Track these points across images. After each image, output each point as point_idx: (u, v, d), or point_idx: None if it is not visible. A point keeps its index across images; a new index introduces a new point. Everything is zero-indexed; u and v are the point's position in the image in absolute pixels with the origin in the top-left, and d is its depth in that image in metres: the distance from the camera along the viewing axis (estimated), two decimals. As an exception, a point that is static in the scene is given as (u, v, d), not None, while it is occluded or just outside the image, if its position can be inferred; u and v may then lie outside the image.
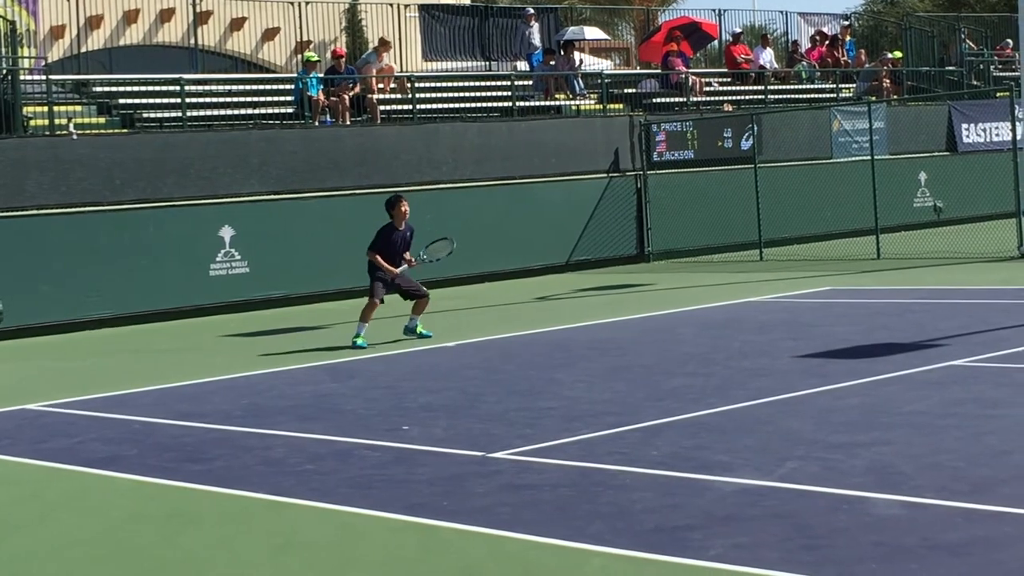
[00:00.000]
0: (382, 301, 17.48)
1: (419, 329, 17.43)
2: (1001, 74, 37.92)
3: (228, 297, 22.65)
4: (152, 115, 24.79)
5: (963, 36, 38.70)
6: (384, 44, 28.27)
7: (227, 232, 22.74)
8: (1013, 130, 25.25)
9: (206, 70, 29.40)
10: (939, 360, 12.96)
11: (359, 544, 7.81)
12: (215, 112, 25.46)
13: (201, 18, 30.42)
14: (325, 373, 15.00)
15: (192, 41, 30.01)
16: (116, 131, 23.89)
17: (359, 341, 17.04)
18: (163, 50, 30.63)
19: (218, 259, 22.69)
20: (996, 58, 38.90)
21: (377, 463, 9.91)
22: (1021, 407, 10.52)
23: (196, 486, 9.50)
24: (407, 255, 17.45)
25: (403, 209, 17.49)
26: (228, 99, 26.33)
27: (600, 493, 8.49)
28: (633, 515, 7.90)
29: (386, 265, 17.27)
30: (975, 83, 37.05)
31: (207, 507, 8.96)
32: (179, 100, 24.52)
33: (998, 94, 33.89)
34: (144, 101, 25.36)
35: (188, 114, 24.44)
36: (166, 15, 30.67)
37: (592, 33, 34.39)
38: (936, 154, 32.68)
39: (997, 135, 33.17)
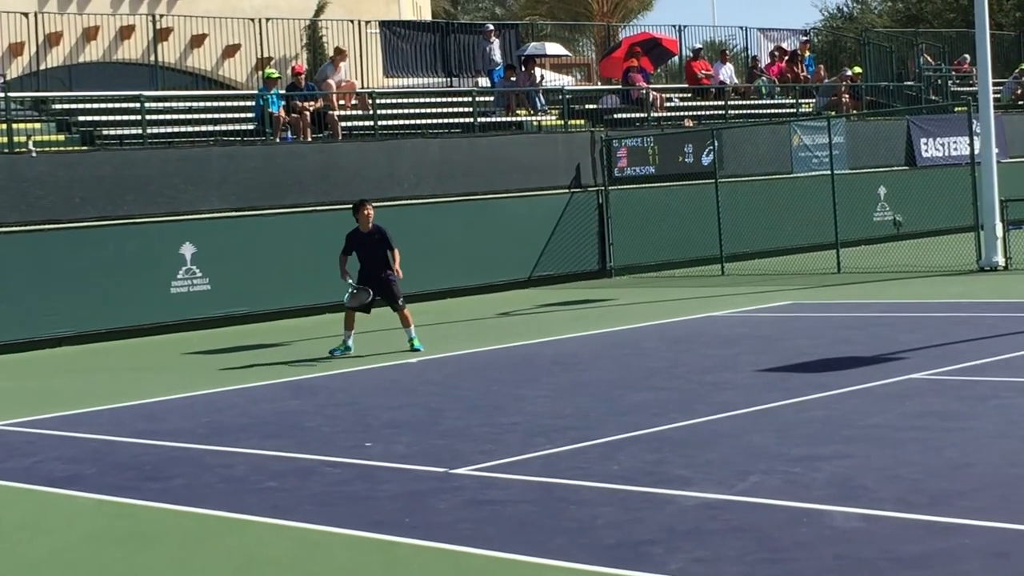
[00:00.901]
0: (361, 308, 17.70)
1: (413, 342, 17.62)
2: (959, 89, 38.17)
3: (189, 314, 22.57)
4: (112, 132, 24.69)
5: (921, 51, 38.97)
6: (339, 53, 28.31)
7: (188, 249, 22.65)
8: (971, 144, 25.42)
9: (166, 87, 29.31)
10: (900, 373, 13.02)
11: (321, 561, 7.78)
12: (175, 129, 25.38)
13: (161, 35, 30.33)
14: (287, 390, 14.95)
15: (152, 58, 29.92)
16: (76, 148, 23.78)
17: (337, 349, 17.48)
18: (123, 67, 30.53)
19: (179, 276, 22.60)
20: (954, 73, 39.18)
21: (339, 480, 9.88)
22: (981, 420, 10.57)
23: (156, 504, 9.45)
24: (395, 263, 17.69)
25: (365, 212, 17.81)
26: (189, 116, 26.27)
27: (562, 508, 8.49)
28: (595, 530, 7.90)
29: (342, 270, 17.72)
30: (933, 98, 37.30)
31: (167, 526, 8.91)
32: (139, 117, 24.43)
33: (956, 109, 34.09)
34: (104, 118, 25.24)
35: (148, 131, 24.35)
36: (126, 32, 30.57)
37: (553, 49, 34.44)
38: (895, 168, 32.86)
39: (955, 149, 33.38)
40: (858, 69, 36.51)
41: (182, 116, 26.19)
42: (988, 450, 9.43)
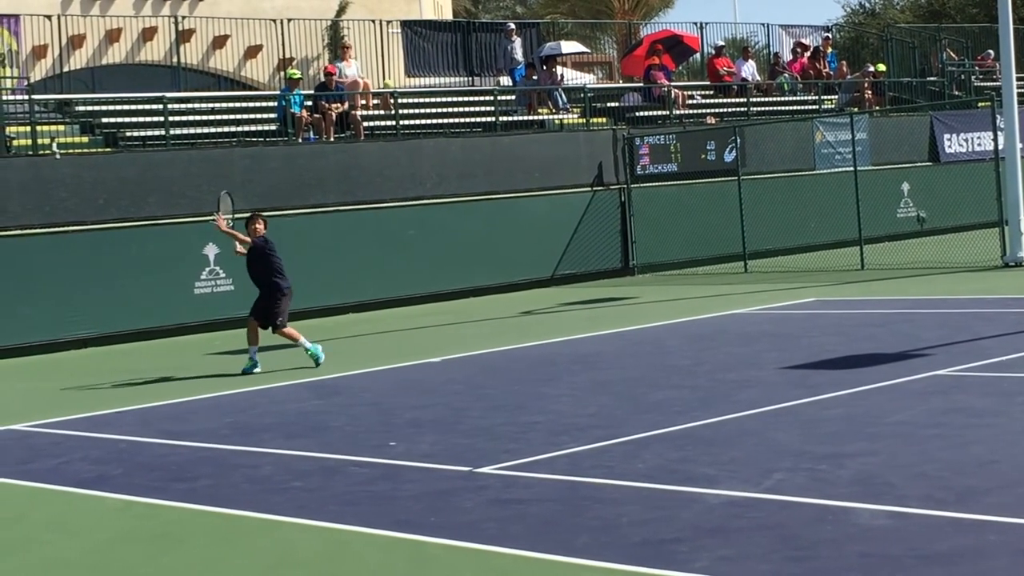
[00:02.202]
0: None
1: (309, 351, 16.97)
2: (982, 84, 38.06)
3: (213, 315, 22.60)
4: (135, 134, 24.77)
5: (944, 47, 38.84)
6: (344, 48, 28.39)
7: (211, 250, 22.70)
8: (995, 140, 25.34)
9: (189, 88, 29.37)
10: (924, 370, 12.99)
11: (348, 561, 7.80)
12: (198, 130, 25.45)
13: (183, 36, 30.40)
14: (310, 390, 14.99)
15: (175, 59, 29.99)
16: (99, 150, 23.86)
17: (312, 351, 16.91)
18: (146, 68, 30.60)
19: (202, 277, 22.66)
20: (977, 68, 39.03)
21: (364, 479, 9.90)
22: (1006, 416, 10.54)
23: (183, 505, 9.48)
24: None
25: (254, 226, 17.23)
26: (211, 117, 26.33)
27: (587, 507, 8.50)
28: (620, 528, 7.90)
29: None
30: (956, 93, 37.17)
31: (194, 527, 8.94)
32: (162, 118, 24.51)
33: (979, 104, 34.00)
34: (127, 120, 25.32)
35: (171, 132, 24.43)
36: (148, 33, 30.65)
37: (571, 47, 34.41)
38: (919, 164, 32.77)
39: (979, 145, 33.28)
40: (882, 67, 36.41)
41: (205, 117, 26.26)
42: (1014, 447, 9.40)
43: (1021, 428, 10.03)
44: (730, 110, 33.18)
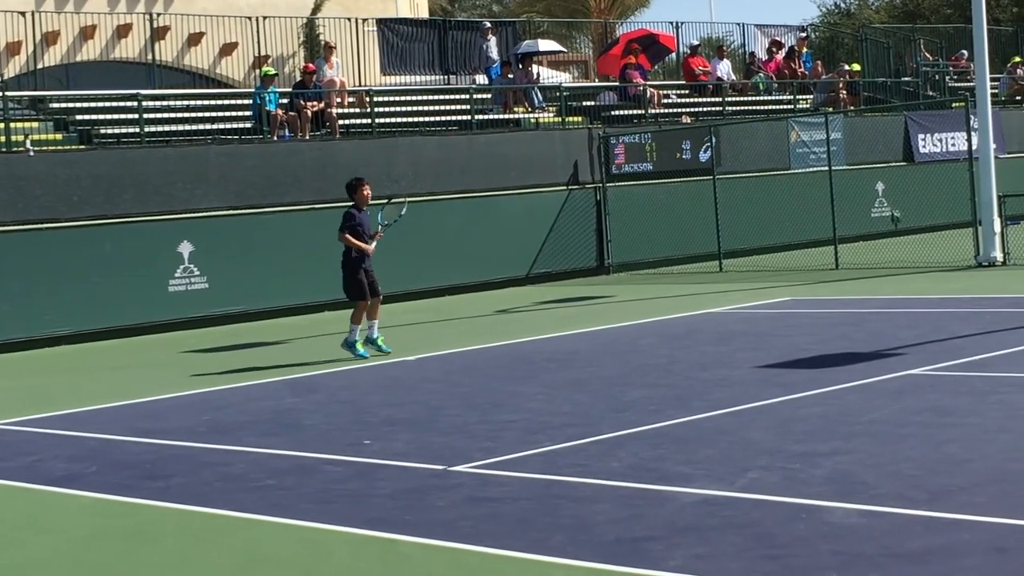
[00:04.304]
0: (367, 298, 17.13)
1: (380, 342, 17.21)
2: (956, 85, 38.21)
3: (187, 313, 22.57)
4: (109, 131, 24.70)
5: (919, 47, 38.98)
6: (328, 49, 28.35)
7: (186, 248, 22.66)
8: (968, 140, 25.44)
9: (164, 85, 29.31)
10: (898, 369, 13.03)
11: (321, 559, 7.78)
12: (173, 127, 25.39)
13: (158, 33, 30.32)
14: (285, 388, 14.95)
15: (149, 57, 29.91)
16: (73, 147, 23.79)
17: (360, 349, 16.87)
18: (120, 66, 30.51)
19: (177, 275, 22.61)
20: (951, 69, 39.19)
21: (338, 478, 9.89)
22: (980, 415, 10.58)
23: (156, 503, 9.45)
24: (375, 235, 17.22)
25: (364, 193, 17.34)
26: (186, 114, 26.28)
27: (561, 505, 8.50)
28: (594, 527, 7.90)
29: (360, 244, 17.05)
30: (931, 94, 37.30)
31: (168, 525, 8.91)
32: (137, 116, 24.44)
33: (953, 104, 34.13)
34: (101, 117, 25.25)
35: (146, 130, 24.36)
36: (123, 31, 30.56)
37: (546, 45, 34.43)
38: (893, 164, 32.89)
39: (953, 145, 33.41)
40: (857, 67, 36.52)
41: (179, 115, 26.21)
42: (987, 445, 9.44)
43: (995, 427, 10.07)
44: (705, 109, 33.26)
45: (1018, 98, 38.86)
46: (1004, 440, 9.58)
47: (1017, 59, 40.34)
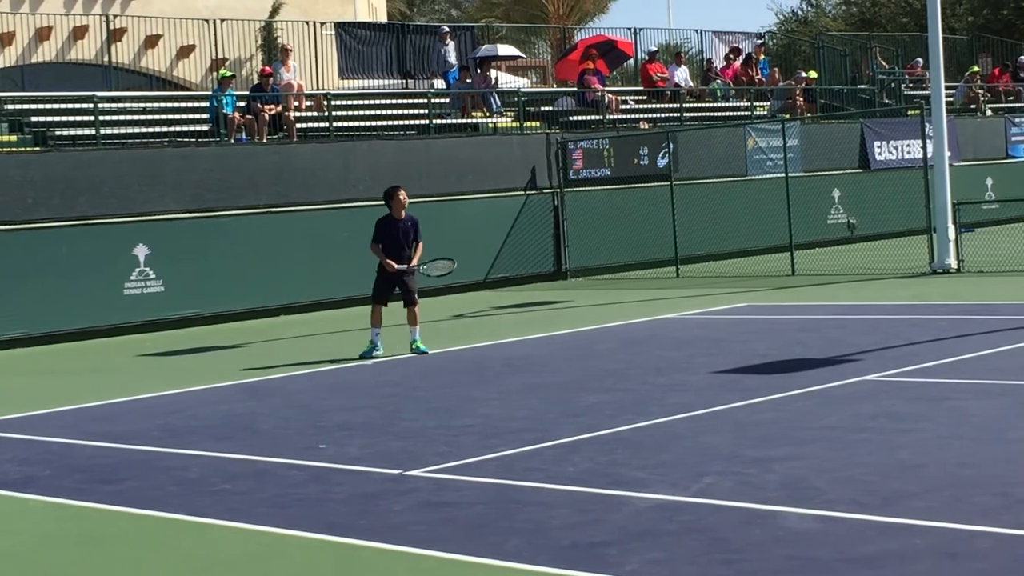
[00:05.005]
0: (385, 304, 17.32)
1: (417, 344, 17.20)
2: (912, 92, 38.47)
3: (143, 316, 22.46)
4: (65, 133, 24.55)
5: (875, 55, 39.22)
6: (285, 52, 28.30)
7: (142, 251, 22.55)
8: (923, 147, 25.61)
9: (120, 87, 29.16)
10: (853, 375, 13.09)
11: (275, 564, 7.76)
12: (129, 129, 25.26)
13: (115, 35, 30.18)
14: (242, 392, 14.91)
15: (106, 58, 29.76)
16: (28, 149, 23.62)
17: (366, 348, 17.05)
18: (76, 67, 30.35)
19: (132, 278, 22.49)
20: (907, 76, 39.45)
21: (293, 482, 9.86)
22: (933, 421, 10.65)
23: (109, 507, 9.39)
24: (415, 255, 17.32)
25: (400, 199, 17.26)
26: (142, 117, 26.14)
27: (517, 510, 8.50)
28: (550, 531, 7.91)
29: (386, 259, 17.12)
30: (887, 101, 37.54)
31: (120, 529, 8.86)
32: (92, 118, 24.30)
33: (909, 112, 34.36)
34: (57, 119, 25.09)
35: (102, 132, 24.22)
36: (79, 32, 30.40)
37: (505, 50, 34.46)
38: (849, 171, 33.06)
39: (908, 152, 33.64)
40: (813, 74, 36.71)
41: (136, 117, 26.06)
42: (940, 451, 9.51)
43: (947, 432, 10.14)
44: (663, 116, 33.33)
45: (973, 106, 39.16)
46: (956, 446, 9.64)
47: (975, 68, 40.64)
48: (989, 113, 39.09)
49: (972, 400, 11.54)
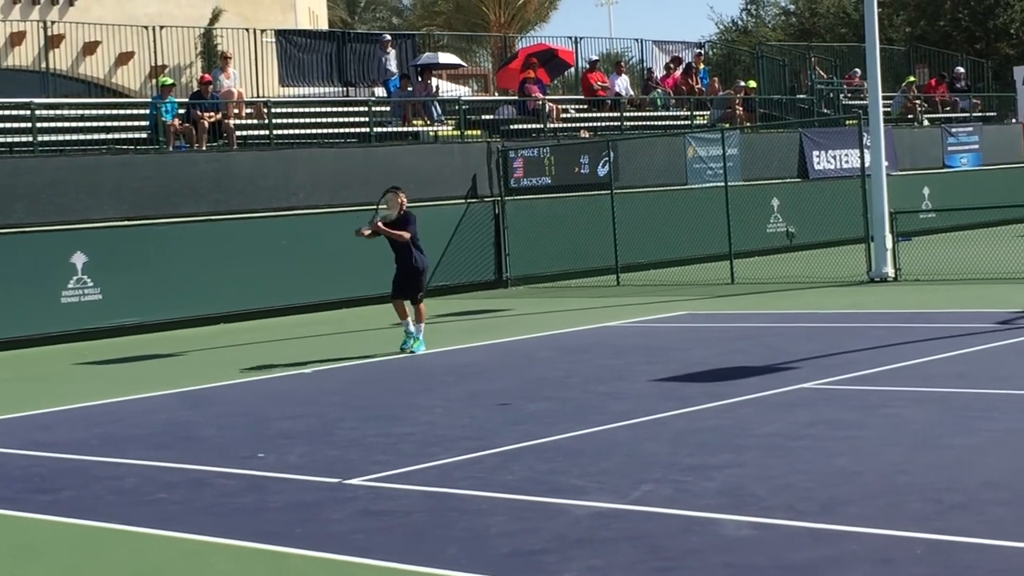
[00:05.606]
0: (403, 299, 17.95)
1: (416, 341, 17.90)
2: (850, 102, 38.76)
3: (80, 324, 22.26)
4: (2, 140, 24.33)
5: (813, 65, 39.50)
6: (225, 59, 28.17)
7: (79, 258, 22.36)
8: (861, 157, 25.78)
9: (58, 94, 28.93)
10: (792, 383, 13.17)
11: (209, 573, 7.71)
12: (67, 137, 25.06)
13: (53, 42, 29.94)
14: (181, 401, 14.81)
15: (43, 65, 29.51)
16: (-36, 156, 23.40)
17: (406, 342, 17.70)
18: (13, 74, 30.07)
19: (70, 286, 22.30)
20: (845, 87, 39.76)
21: (231, 491, 9.80)
22: (870, 428, 10.72)
23: (44, 517, 9.31)
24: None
25: (399, 199, 18.12)
26: (81, 124, 25.94)
27: (456, 518, 8.49)
28: (488, 540, 7.90)
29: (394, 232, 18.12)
30: (825, 111, 37.82)
31: (55, 539, 8.78)
32: (30, 124, 24.10)
33: (847, 122, 34.62)
34: (-7, 125, 24.87)
35: (39, 139, 24.02)
36: (16, 38, 30.13)
37: (446, 58, 34.46)
38: (788, 180, 33.27)
39: (846, 162, 33.90)
40: (753, 84, 36.92)
41: (74, 124, 25.86)
42: (876, 458, 9.57)
43: (884, 440, 10.21)
44: (604, 124, 33.42)
45: (910, 116, 39.51)
46: (892, 453, 9.71)
47: (912, 79, 41.01)
48: (926, 123, 39.48)
49: (908, 408, 11.63)
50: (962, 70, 42.98)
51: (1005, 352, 14.72)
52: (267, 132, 27.09)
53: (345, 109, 30.33)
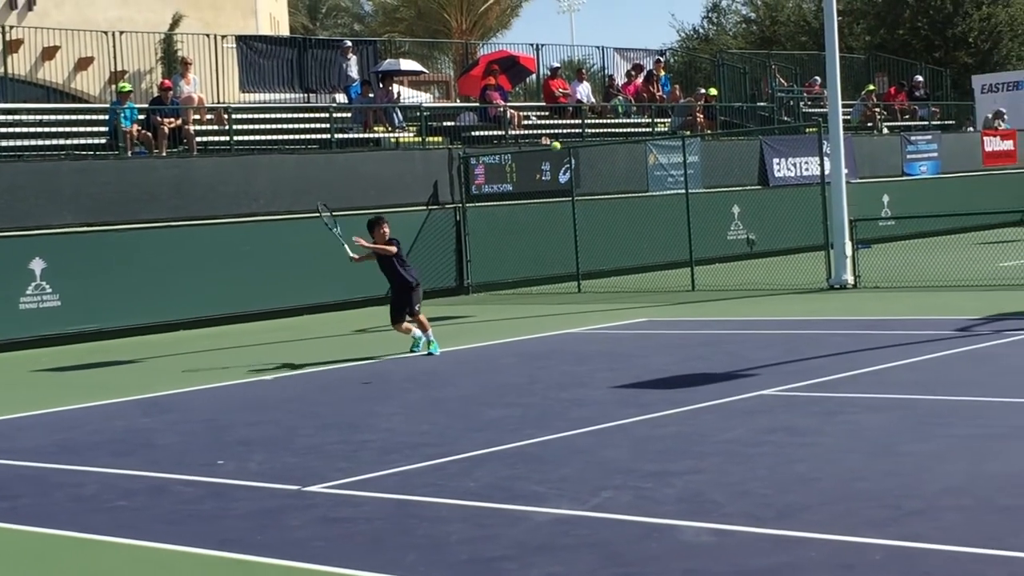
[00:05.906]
0: (403, 320, 18.25)
1: (418, 343, 18.25)
2: (810, 110, 38.98)
3: (39, 331, 22.14)
4: (-40, 145, 24.19)
5: (774, 73, 39.68)
6: (185, 65, 28.08)
7: (38, 264, 22.24)
8: (821, 164, 25.91)
9: (16, 99, 28.76)
10: (752, 389, 13.21)
11: (171, 581, 7.69)
12: (25, 142, 24.92)
13: (11, 46, 29.77)
14: (140, 407, 14.75)
15: (1, 70, 29.33)
16: (-79, 161, 23.24)
17: (431, 347, 17.97)
18: (-29, 79, 29.89)
19: (28, 292, 22.18)
20: (805, 94, 39.96)
21: (190, 498, 9.77)
22: (830, 435, 10.77)
23: (2, 525, 9.25)
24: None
25: (382, 231, 18.51)
26: (39, 129, 25.80)
27: (416, 525, 8.49)
28: (448, 546, 7.90)
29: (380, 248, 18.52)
30: (785, 119, 37.98)
31: (13, 546, 8.73)
32: (-12, 130, 23.96)
33: (807, 129, 34.77)
34: (-49, 131, 24.72)
35: (-3, 144, 23.88)
36: (-26, 43, 29.95)
37: (408, 65, 34.45)
38: (748, 188, 33.40)
39: (806, 169, 34.06)
40: (714, 91, 37.04)
41: (32, 129, 25.72)
42: (835, 465, 9.61)
43: (843, 446, 10.26)
44: (565, 131, 33.46)
45: (869, 124, 39.73)
46: (851, 459, 9.76)
47: (871, 87, 41.24)
48: (885, 131, 39.71)
49: (866, 414, 11.69)
50: (921, 79, 43.28)
51: (963, 359, 14.81)
52: (227, 138, 27.01)
53: (306, 115, 30.28)
